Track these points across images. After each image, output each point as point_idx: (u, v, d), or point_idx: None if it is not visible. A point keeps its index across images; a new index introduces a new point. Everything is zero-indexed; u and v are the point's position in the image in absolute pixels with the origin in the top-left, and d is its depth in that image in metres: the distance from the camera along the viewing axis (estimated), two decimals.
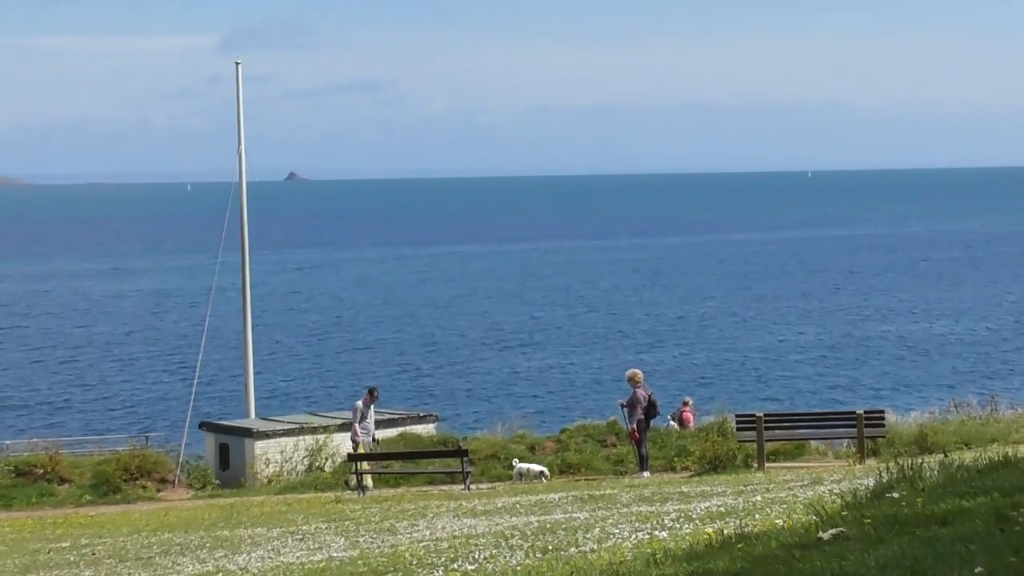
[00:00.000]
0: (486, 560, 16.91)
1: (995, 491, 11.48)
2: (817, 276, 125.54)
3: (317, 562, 19.50)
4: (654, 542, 15.53)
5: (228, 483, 37.32)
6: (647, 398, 32.97)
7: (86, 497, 35.67)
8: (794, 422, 34.38)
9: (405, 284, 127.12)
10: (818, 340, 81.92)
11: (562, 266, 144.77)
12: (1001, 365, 71.36)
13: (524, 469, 33.27)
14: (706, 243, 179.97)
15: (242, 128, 44.51)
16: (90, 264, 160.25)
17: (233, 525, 26.68)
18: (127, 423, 58.91)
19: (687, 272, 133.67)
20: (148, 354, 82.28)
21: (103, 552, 24.00)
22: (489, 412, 55.71)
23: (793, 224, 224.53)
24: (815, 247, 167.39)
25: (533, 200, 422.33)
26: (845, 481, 21.73)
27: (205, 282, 49.44)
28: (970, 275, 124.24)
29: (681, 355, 77.20)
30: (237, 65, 44.95)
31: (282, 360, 77.38)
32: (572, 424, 40.32)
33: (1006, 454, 14.29)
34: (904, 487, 12.91)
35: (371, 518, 25.55)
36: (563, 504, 24.75)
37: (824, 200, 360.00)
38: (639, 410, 32.70)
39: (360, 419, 34.29)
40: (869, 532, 10.72)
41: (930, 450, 30.59)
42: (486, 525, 22.06)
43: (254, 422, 40.40)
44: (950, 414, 37.63)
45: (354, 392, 66.18)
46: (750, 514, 18.06)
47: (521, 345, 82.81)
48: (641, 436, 32.86)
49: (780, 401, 61.06)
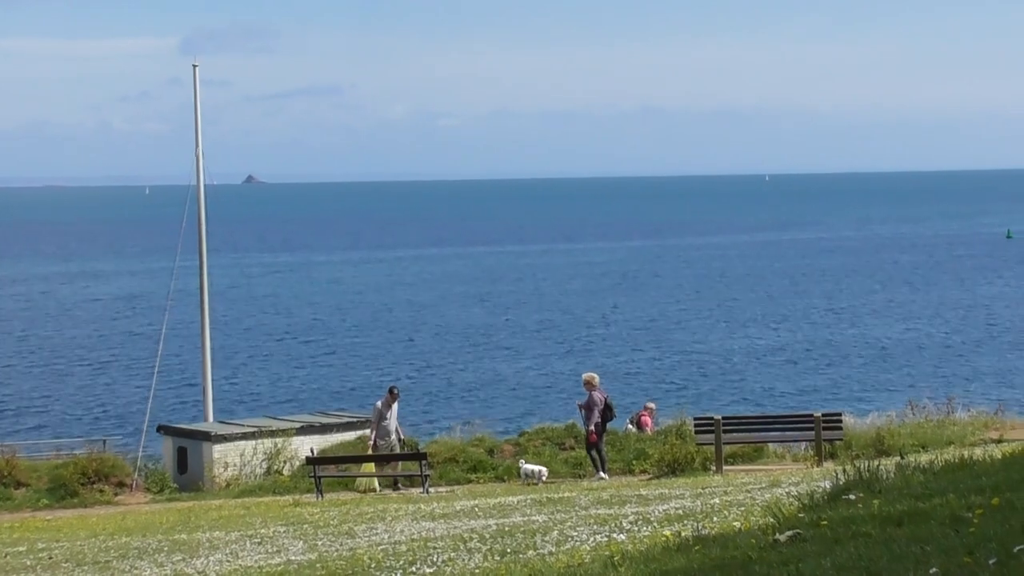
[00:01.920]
0: (444, 563, 16.91)
1: (951, 493, 11.54)
2: (776, 280, 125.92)
3: (275, 566, 19.47)
4: (612, 544, 15.55)
5: (186, 487, 37.21)
6: (603, 401, 33.26)
7: (43, 501, 35.50)
8: (752, 425, 34.53)
9: (365, 287, 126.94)
10: (776, 344, 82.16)
11: (524, 269, 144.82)
12: (958, 368, 71.72)
13: (530, 470, 33.37)
14: (669, 246, 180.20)
15: (199, 131, 44.40)
16: (46, 268, 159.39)
17: (191, 529, 26.59)
18: (84, 427, 58.60)
19: (650, 275, 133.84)
20: (106, 358, 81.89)
21: (60, 556, 23.88)
22: (448, 415, 55.69)
23: (753, 227, 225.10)
24: (774, 251, 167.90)
25: (495, 203, 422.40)
26: (803, 484, 21.82)
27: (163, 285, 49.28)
28: (928, 278, 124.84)
29: (642, 358, 77.27)
30: (195, 67, 44.82)
31: (241, 364, 77.14)
32: (531, 427, 40.35)
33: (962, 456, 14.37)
34: (861, 489, 12.95)
35: (329, 521, 25.51)
36: (521, 507, 24.77)
37: (783, 203, 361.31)
38: (596, 413, 32.94)
39: (380, 420, 34.53)
40: (826, 534, 10.76)
41: (887, 452, 30.79)
42: (445, 528, 22.06)
43: (212, 426, 40.28)
44: (907, 417, 37.86)
45: (311, 395, 66.29)
46: (708, 516, 18.11)
47: (480, 348, 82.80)
48: (599, 439, 33.06)
49: (738, 404, 61.18)
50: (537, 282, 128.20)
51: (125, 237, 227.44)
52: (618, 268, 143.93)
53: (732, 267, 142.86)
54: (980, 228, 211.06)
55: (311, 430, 38.54)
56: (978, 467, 13.54)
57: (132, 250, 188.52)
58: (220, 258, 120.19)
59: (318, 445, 36.88)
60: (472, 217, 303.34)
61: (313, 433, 38.28)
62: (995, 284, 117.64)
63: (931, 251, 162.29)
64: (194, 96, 44.56)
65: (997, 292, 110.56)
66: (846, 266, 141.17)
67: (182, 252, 43.55)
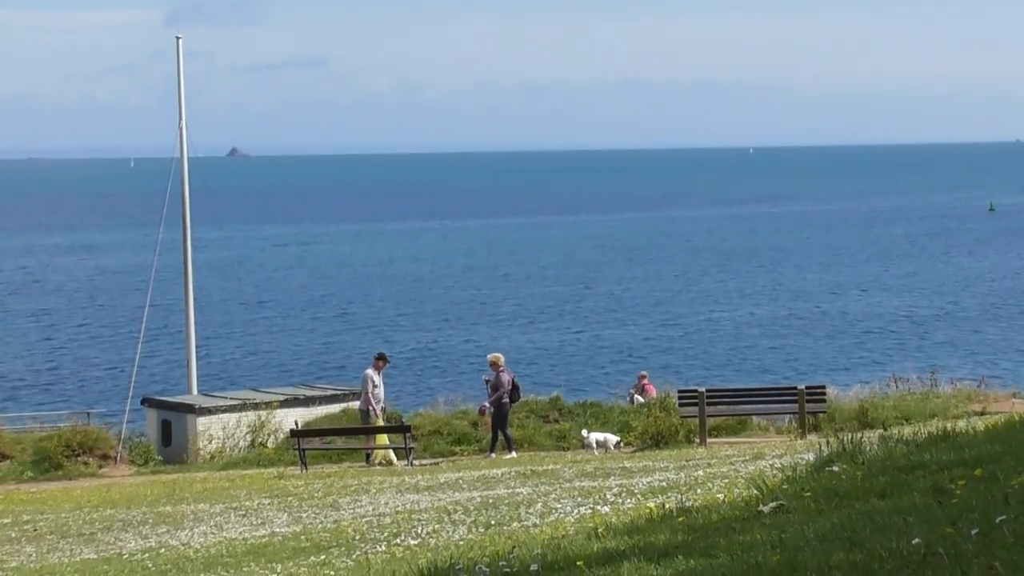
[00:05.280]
0: (429, 535, 16.97)
1: (933, 465, 11.59)
2: (763, 253, 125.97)
3: (260, 537, 19.52)
4: (596, 516, 15.61)
5: (170, 459, 37.23)
6: (511, 382, 33.56)
7: (27, 474, 35.52)
8: (736, 398, 34.60)
9: (350, 260, 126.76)
10: (760, 316, 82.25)
11: (508, 242, 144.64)
12: (942, 341, 71.86)
13: (600, 439, 32.94)
14: (656, 219, 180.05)
15: (183, 103, 44.31)
16: (29, 240, 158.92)
17: (175, 501, 26.62)
18: (69, 399, 58.55)
19: (636, 249, 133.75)
20: (90, 330, 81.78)
21: (45, 528, 23.92)
22: (431, 388, 55.70)
23: (739, 200, 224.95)
24: (760, 223, 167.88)
25: (478, 176, 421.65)
26: (786, 456, 21.89)
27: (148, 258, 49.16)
28: (912, 252, 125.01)
29: (627, 331, 77.34)
30: (178, 39, 44.76)
31: (225, 336, 77.05)
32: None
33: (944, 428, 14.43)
34: (844, 461, 13.01)
35: (314, 494, 25.56)
36: (506, 479, 24.83)
37: (768, 176, 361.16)
38: (502, 393, 33.20)
39: (372, 387, 34.30)
40: (809, 505, 10.81)
41: (870, 425, 30.90)
42: (429, 500, 22.11)
43: (196, 398, 40.27)
44: (890, 389, 37.90)
45: (299, 368, 66.24)
46: (692, 488, 18.17)
47: (464, 322, 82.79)
48: (505, 419, 33.33)
49: (723, 377, 61.26)
50: (520, 255, 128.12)
51: (110, 209, 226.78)
52: (605, 242, 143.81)
53: (718, 240, 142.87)
54: (963, 201, 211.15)
55: (295, 403, 38.55)
56: (961, 439, 13.60)
57: (117, 223, 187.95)
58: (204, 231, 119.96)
59: (302, 418, 36.89)
60: (455, 190, 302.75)
61: (297, 406, 38.29)
62: (978, 257, 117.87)
63: (915, 224, 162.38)
64: (177, 68, 44.47)
65: (980, 265, 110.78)
66: (831, 239, 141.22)
67: (166, 225, 43.44)
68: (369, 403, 34.23)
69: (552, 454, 32.97)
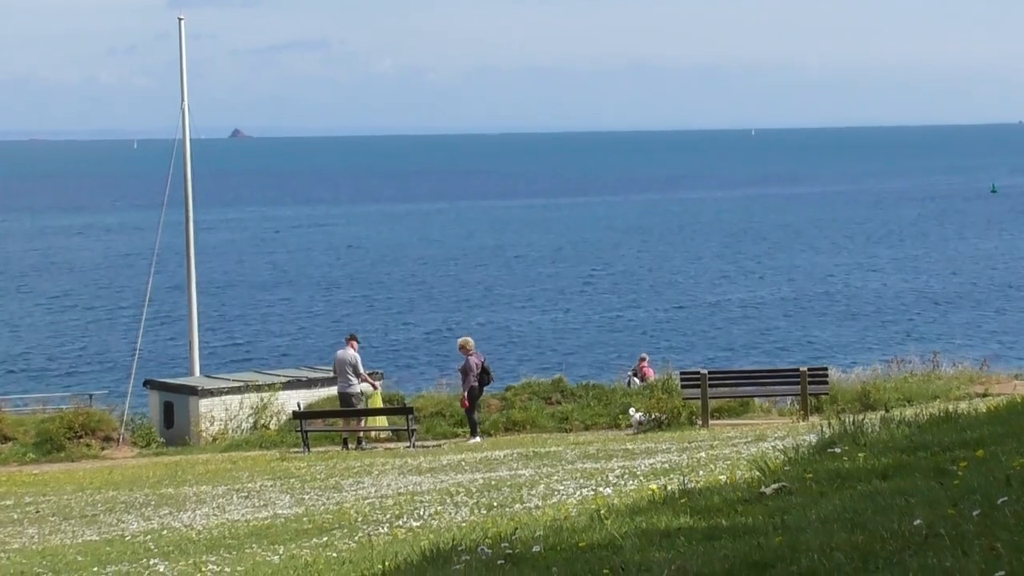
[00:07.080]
0: (431, 517, 16.98)
1: (935, 446, 11.58)
2: (766, 234, 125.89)
3: (262, 519, 19.53)
4: (598, 498, 15.61)
5: (173, 441, 37.24)
6: (480, 366, 33.41)
7: (29, 455, 35.52)
8: (738, 380, 34.57)
9: (356, 241, 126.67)
10: (763, 298, 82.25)
11: (513, 223, 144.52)
12: (943, 322, 71.86)
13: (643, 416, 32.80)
14: (661, 200, 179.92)
15: (185, 84, 44.30)
16: (33, 221, 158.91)
17: (178, 483, 26.65)
18: (71, 381, 58.56)
19: (638, 229, 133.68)
20: (93, 312, 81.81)
21: (47, 510, 23.94)
22: (434, 370, 55.66)
23: (742, 182, 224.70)
24: (763, 204, 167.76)
25: (482, 158, 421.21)
26: (788, 438, 21.88)
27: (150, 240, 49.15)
28: (914, 233, 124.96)
29: (629, 312, 77.35)
30: (180, 21, 44.71)
31: (227, 318, 77.04)
32: (517, 382, 40.31)
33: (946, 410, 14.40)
34: (846, 443, 13.00)
35: (316, 476, 25.58)
36: (508, 461, 24.84)
37: (770, 158, 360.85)
38: (472, 378, 33.10)
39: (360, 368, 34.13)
40: (811, 487, 10.81)
41: (872, 407, 30.88)
42: (431, 482, 22.13)
43: (199, 380, 40.28)
44: (892, 371, 37.87)
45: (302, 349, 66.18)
46: (694, 470, 18.18)
47: (467, 303, 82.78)
48: (472, 403, 33.24)
49: (725, 359, 61.26)
50: (525, 236, 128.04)
51: (113, 191, 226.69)
52: (614, 223, 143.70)
53: (722, 222, 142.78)
54: (965, 183, 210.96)
55: (297, 384, 38.54)
56: (963, 420, 13.58)
57: (121, 204, 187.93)
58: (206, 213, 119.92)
59: (304, 400, 36.88)
60: (460, 171, 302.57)
61: (299, 388, 38.27)
62: (981, 239, 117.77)
63: (917, 206, 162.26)
64: (180, 50, 44.45)
65: (983, 247, 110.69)
66: (828, 220, 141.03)
67: (170, 206, 43.43)
68: (366, 381, 34.18)
69: (555, 436, 32.96)
